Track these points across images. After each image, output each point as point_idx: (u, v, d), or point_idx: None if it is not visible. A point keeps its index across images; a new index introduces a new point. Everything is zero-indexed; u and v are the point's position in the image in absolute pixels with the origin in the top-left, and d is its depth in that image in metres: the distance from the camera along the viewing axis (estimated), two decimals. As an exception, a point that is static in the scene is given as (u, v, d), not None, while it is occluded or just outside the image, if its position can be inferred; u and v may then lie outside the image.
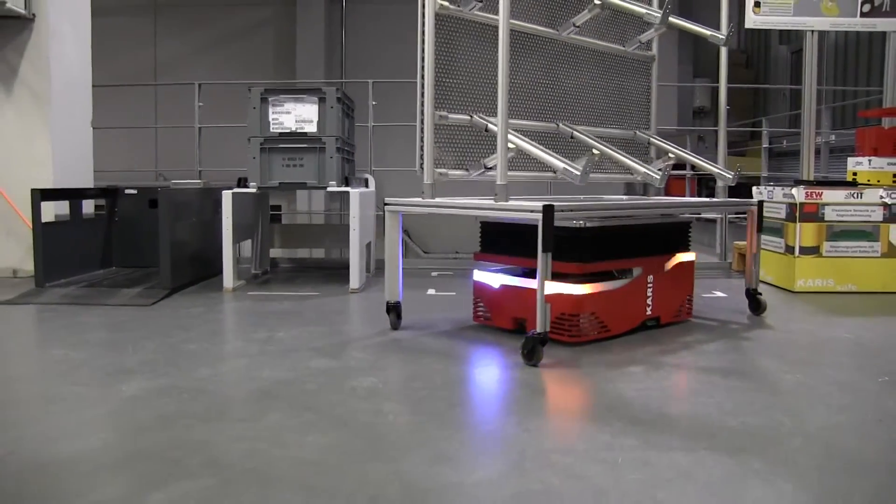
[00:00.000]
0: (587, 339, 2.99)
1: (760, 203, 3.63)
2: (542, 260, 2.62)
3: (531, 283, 3.03)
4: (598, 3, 3.59)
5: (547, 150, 3.00)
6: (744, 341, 3.11)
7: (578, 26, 3.71)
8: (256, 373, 2.55)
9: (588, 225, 3.02)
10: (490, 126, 3.23)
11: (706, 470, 1.71)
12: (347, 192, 4.32)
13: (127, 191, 4.99)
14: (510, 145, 2.93)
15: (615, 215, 3.18)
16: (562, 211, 2.70)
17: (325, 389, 2.36)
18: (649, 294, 3.26)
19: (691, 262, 3.51)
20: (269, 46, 12.60)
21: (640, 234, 3.29)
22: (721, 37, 3.67)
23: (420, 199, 3.14)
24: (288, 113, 4.27)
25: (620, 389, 2.37)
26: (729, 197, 3.87)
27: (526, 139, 3.05)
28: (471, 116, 3.31)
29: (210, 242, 4.89)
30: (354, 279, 4.28)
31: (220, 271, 4.86)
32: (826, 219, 4.23)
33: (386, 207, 3.21)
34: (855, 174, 4.64)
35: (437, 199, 3.11)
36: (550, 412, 2.18)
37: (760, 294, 3.62)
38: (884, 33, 5.07)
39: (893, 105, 5.10)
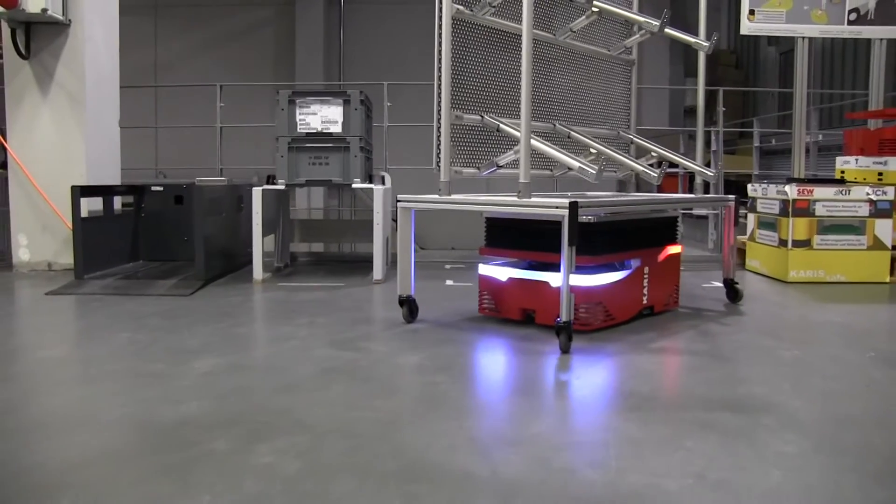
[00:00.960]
0: (596, 326, 3.21)
1: (737, 199, 3.90)
2: (566, 253, 2.81)
3: (539, 276, 3.25)
4: (596, 10, 3.76)
5: (562, 150, 3.18)
6: (744, 325, 3.44)
7: (575, 31, 3.88)
8: (310, 352, 2.84)
9: (595, 220, 3.18)
10: (502, 126, 3.38)
11: (724, 424, 2.03)
12: (349, 189, 4.61)
13: (153, 187, 5.25)
14: (517, 146, 3.09)
15: (624, 210, 3.40)
16: (585, 207, 2.89)
17: (377, 365, 2.66)
18: (645, 284, 3.50)
19: (678, 254, 3.77)
20: (269, 46, 12.82)
21: (639, 228, 3.52)
22: (704, 44, 3.87)
23: (436, 196, 3.26)
24: (314, 114, 4.56)
25: (640, 364, 2.69)
26: (726, 194, 4.19)
27: (540, 139, 3.26)
28: (482, 117, 3.46)
29: (234, 237, 5.17)
30: (378, 271, 4.57)
31: (244, 264, 5.17)
32: (817, 214, 4.57)
33: (399, 204, 3.35)
34: (843, 172, 4.99)
35: (454, 196, 3.24)
36: (585, 387, 2.49)
37: (738, 283, 3.91)
38: (868, 40, 5.42)
39: (878, 108, 5.46)
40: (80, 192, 4.44)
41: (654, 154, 4.04)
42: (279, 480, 1.66)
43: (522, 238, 3.37)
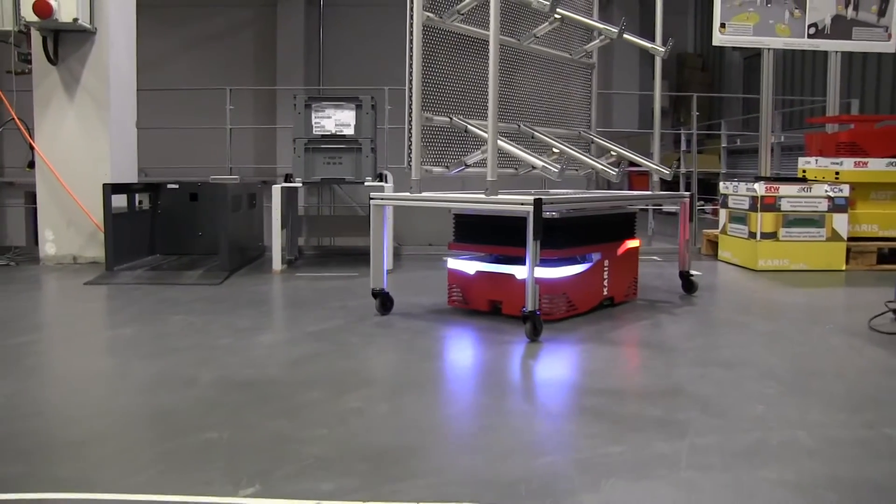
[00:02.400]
0: (559, 316, 3.40)
1: (692, 195, 4.23)
2: (531, 246, 2.99)
3: (506, 269, 3.44)
4: (558, 16, 3.89)
5: (526, 150, 3.35)
6: (721, 306, 3.98)
7: (539, 37, 4.04)
8: (353, 327, 3.28)
9: (558, 216, 3.38)
10: (470, 127, 3.53)
11: (714, 377, 2.53)
12: (328, 187, 5.06)
13: (169, 185, 5.62)
14: (483, 145, 3.24)
15: (585, 206, 3.59)
16: (547, 204, 3.08)
17: (417, 337, 3.11)
18: (606, 276, 3.71)
19: (637, 248, 4.00)
20: (249, 48, 13.12)
21: (599, 224, 3.72)
22: (660, 50, 4.04)
23: (408, 194, 3.40)
24: (328, 118, 4.98)
25: (637, 335, 3.19)
26: (703, 192, 4.71)
27: (506, 139, 3.39)
28: (451, 118, 3.60)
29: (249, 232, 5.57)
30: (388, 261, 5.01)
31: (256, 257, 5.57)
32: (782, 209, 5.14)
33: (371, 202, 3.49)
34: (804, 171, 5.57)
35: (425, 194, 3.37)
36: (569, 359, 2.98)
37: (692, 275, 4.20)
38: (826, 52, 6.02)
39: (835, 114, 6.06)
40: (112, 189, 4.80)
41: (613, 153, 4.23)
42: (375, 417, 2.11)
43: (489, 233, 3.53)
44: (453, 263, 3.66)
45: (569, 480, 1.68)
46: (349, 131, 4.99)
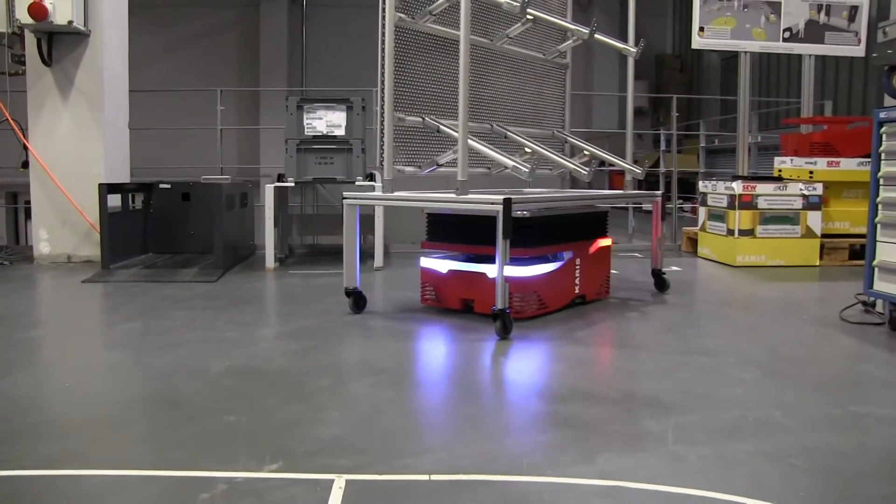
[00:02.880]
0: (530, 314, 3.42)
1: (663, 195, 4.27)
2: (501, 245, 3.00)
3: (477, 267, 3.45)
4: (531, 17, 3.87)
5: (497, 150, 3.38)
6: (702, 299, 4.17)
7: (512, 37, 4.06)
8: (349, 320, 3.43)
9: (530, 215, 3.39)
10: (442, 127, 3.53)
11: (698, 362, 2.71)
12: (312, 187, 5.20)
13: (161, 185, 5.72)
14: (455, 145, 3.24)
15: (556, 206, 3.61)
16: (517, 203, 3.10)
17: (412, 327, 3.27)
18: (577, 274, 3.73)
19: (608, 247, 4.02)
20: (232, 48, 13.18)
21: (571, 223, 3.74)
22: (632, 50, 4.10)
23: (379, 194, 3.45)
24: (320, 119, 5.12)
25: (624, 327, 3.37)
26: (681, 191, 4.88)
27: (477, 139, 3.41)
28: (423, 118, 3.61)
29: (241, 231, 5.68)
30: (379, 259, 5.16)
31: (247, 256, 5.69)
32: (759, 207, 5.36)
33: (344, 202, 3.48)
34: (780, 171, 5.79)
35: (397, 193, 3.39)
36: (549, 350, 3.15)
37: (664, 273, 4.25)
38: (800, 55, 6.25)
39: (809, 115, 6.30)
40: (108, 189, 4.90)
41: (586, 153, 4.27)
42: (381, 402, 2.27)
43: (461, 232, 3.55)
44: (426, 262, 3.66)
45: (565, 454, 1.84)
46: (340, 132, 5.12)
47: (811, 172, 5.52)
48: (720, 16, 6.03)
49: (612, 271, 5.06)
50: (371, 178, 5.35)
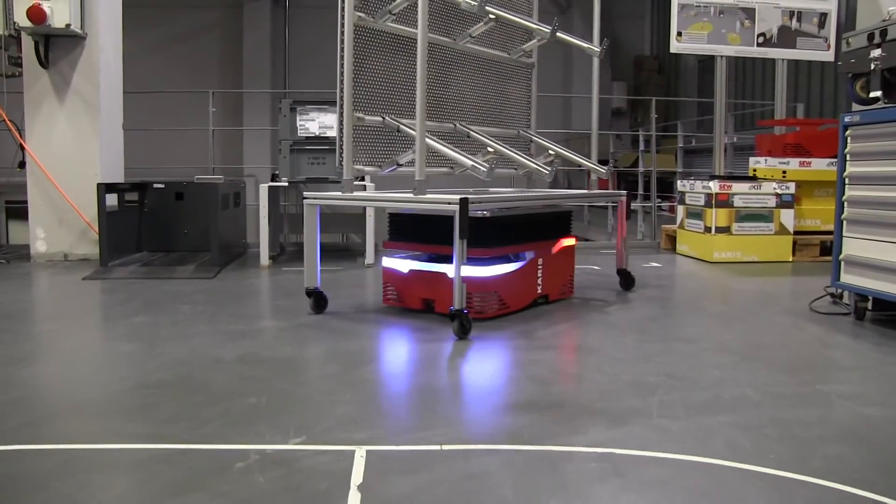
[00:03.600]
0: (491, 315, 3.43)
1: (628, 194, 4.29)
2: (458, 245, 3.00)
3: (438, 268, 3.45)
4: (493, 17, 3.91)
5: (456, 149, 3.40)
6: (680, 293, 4.41)
7: (474, 37, 4.07)
8: (349, 314, 3.61)
9: (490, 215, 3.42)
10: (402, 127, 3.57)
11: (678, 348, 2.94)
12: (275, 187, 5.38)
13: (155, 185, 5.85)
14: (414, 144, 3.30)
15: (517, 206, 3.64)
16: (475, 203, 3.13)
17: (409, 317, 3.46)
18: (540, 275, 3.74)
19: (572, 247, 4.03)
20: (215, 49, 13.26)
21: (533, 222, 3.76)
22: (596, 49, 4.07)
23: (339, 194, 3.47)
24: (312, 120, 5.29)
25: (606, 320, 3.59)
26: (659, 190, 5.10)
27: (436, 139, 3.44)
28: (384, 118, 3.63)
29: (234, 229, 5.84)
30: (370, 256, 5.35)
31: (240, 254, 5.84)
32: (735, 205, 5.61)
33: (305, 202, 3.52)
34: (755, 170, 6.06)
35: (356, 193, 3.46)
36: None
37: (629, 273, 4.30)
38: (774, 59, 6.53)
39: (782, 117, 6.58)
40: (105, 189, 5.04)
41: (551, 152, 4.31)
42: (382, 386, 2.46)
43: (422, 232, 3.57)
44: (388, 262, 3.67)
45: (560, 428, 2.05)
46: (332, 133, 5.30)
47: (784, 172, 5.78)
48: (697, 21, 6.29)
49: (594, 267, 5.31)
50: (362, 178, 5.53)
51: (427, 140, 3.34)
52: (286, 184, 5.32)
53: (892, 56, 3.21)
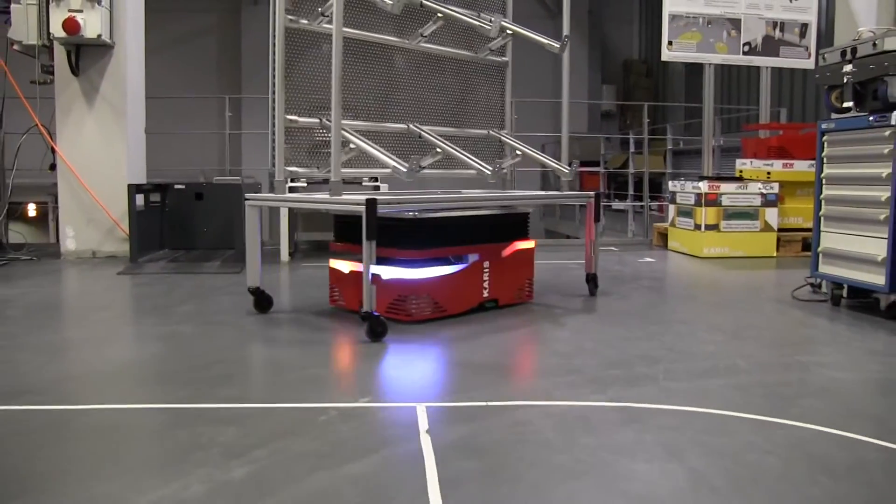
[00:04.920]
0: (423, 318, 3.39)
1: (597, 195, 4.11)
2: (366, 246, 3.03)
3: (374, 269, 3.28)
4: (440, 16, 3.87)
5: (381, 150, 3.39)
6: (673, 284, 4.84)
7: (426, 36, 4.02)
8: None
9: (420, 216, 3.38)
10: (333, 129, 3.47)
11: (676, 328, 3.37)
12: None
13: (176, 186, 6.22)
14: (352, 144, 3.40)
15: (441, 207, 3.54)
16: (384, 204, 3.14)
17: (342, 320, 3.86)
18: (486, 278, 3.67)
19: (531, 249, 3.94)
20: (213, 53, 13.60)
21: (478, 224, 3.69)
22: (556, 45, 4.03)
23: (272, 195, 3.57)
24: (329, 125, 5.67)
25: (609, 306, 4.02)
26: (650, 190, 5.52)
27: (363, 139, 3.43)
28: (320, 119, 3.63)
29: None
30: (284, 254, 5.73)
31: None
32: (723, 204, 6.07)
33: (246, 203, 3.61)
34: (741, 171, 6.52)
35: (287, 195, 3.54)
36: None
37: (596, 277, 4.18)
38: (758, 67, 7.00)
39: (766, 121, 7.06)
40: (136, 189, 5.41)
41: (518, 153, 4.37)
42: (405, 358, 2.87)
43: (359, 233, 3.44)
44: (333, 263, 3.69)
45: (582, 389, 2.46)
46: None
47: (769, 173, 6.25)
48: (687, 31, 6.75)
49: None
50: (375, 179, 5.93)
51: (356, 140, 3.38)
52: (305, 184, 5.71)
53: (862, 71, 3.66)
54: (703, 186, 6.07)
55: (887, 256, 3.41)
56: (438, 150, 3.82)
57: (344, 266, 3.63)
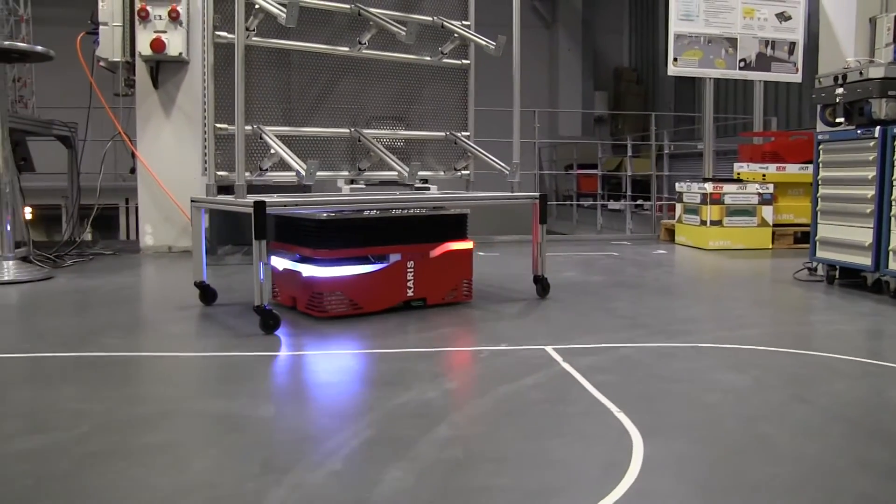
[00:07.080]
0: (337, 314, 3.62)
1: (542, 196, 4.25)
2: (255, 246, 3.25)
3: (298, 267, 3.74)
4: (372, 24, 4.06)
5: (290, 154, 3.60)
6: (682, 272, 5.86)
7: (364, 43, 4.16)
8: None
9: (331, 217, 3.59)
10: (263, 135, 3.80)
11: (705, 302, 4.36)
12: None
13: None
14: (272, 150, 3.70)
15: (340, 209, 3.70)
16: (273, 206, 3.35)
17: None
18: (410, 278, 3.85)
19: (467, 250, 4.07)
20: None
21: (399, 225, 3.85)
22: (492, 46, 4.18)
23: (205, 197, 3.86)
24: (382, 133, 6.57)
25: (607, 295, 5.00)
26: (640, 191, 6.42)
27: (277, 141, 3.70)
28: (253, 127, 3.85)
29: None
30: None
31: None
32: (725, 202, 7.11)
33: (192, 204, 3.92)
34: (739, 174, 7.57)
35: (218, 197, 3.80)
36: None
37: (545, 279, 4.33)
38: (752, 81, 8.07)
39: (759, 129, 8.13)
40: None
41: (469, 154, 4.59)
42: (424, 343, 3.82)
43: (290, 233, 3.88)
44: (274, 261, 3.95)
45: (659, 336, 3.42)
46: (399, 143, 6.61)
47: (764, 175, 7.31)
48: (689, 49, 7.79)
49: (613, 253, 6.70)
50: (425, 181, 6.85)
51: (268, 142, 3.71)
52: (364, 186, 6.60)
53: (851, 93, 4.69)
54: (709, 187, 7.10)
55: (872, 242, 4.43)
56: (372, 154, 4.12)
57: (279, 263, 3.93)
